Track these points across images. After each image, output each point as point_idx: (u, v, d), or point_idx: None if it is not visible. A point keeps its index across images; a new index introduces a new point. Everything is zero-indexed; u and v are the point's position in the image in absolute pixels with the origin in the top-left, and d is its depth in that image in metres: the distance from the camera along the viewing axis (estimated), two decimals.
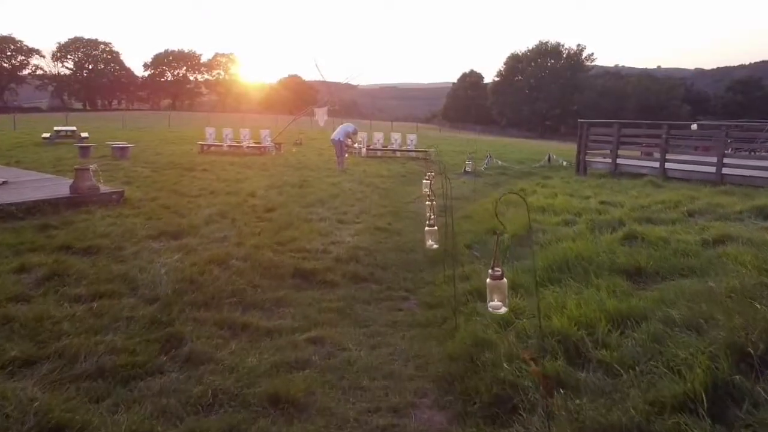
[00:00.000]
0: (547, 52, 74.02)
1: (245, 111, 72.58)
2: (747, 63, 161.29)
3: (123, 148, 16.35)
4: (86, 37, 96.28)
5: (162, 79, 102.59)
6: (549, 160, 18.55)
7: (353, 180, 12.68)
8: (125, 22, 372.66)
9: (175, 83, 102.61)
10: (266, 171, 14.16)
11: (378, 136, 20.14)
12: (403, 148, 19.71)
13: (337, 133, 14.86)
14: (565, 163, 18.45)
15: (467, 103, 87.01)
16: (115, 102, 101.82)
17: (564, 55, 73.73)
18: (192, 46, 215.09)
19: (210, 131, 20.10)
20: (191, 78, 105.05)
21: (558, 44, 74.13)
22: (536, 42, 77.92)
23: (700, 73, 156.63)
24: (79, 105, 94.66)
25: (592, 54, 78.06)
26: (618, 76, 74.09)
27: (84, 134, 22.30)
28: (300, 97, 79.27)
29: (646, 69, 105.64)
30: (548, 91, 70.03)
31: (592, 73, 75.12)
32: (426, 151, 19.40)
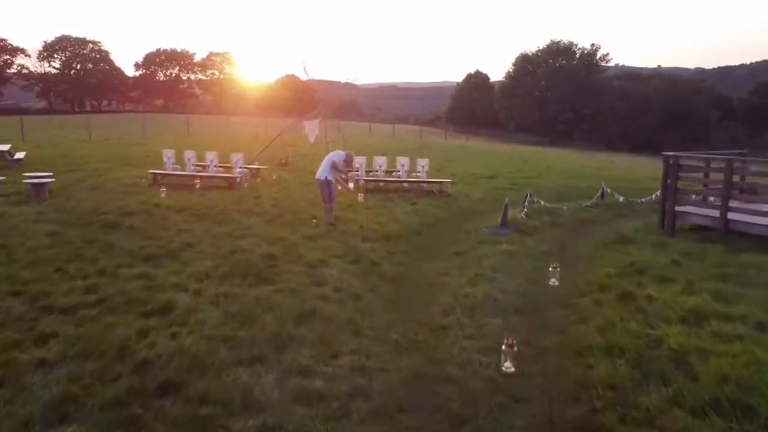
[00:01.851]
0: (559, 52, 69.35)
1: (242, 113, 68.38)
2: (748, 63, 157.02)
3: (39, 186, 12.12)
4: (74, 35, 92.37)
5: (154, 79, 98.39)
6: (602, 195, 14.34)
7: (345, 250, 8.45)
8: (115, 21, 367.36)
9: (168, 83, 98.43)
10: (223, 225, 9.93)
11: (380, 161, 15.80)
12: (412, 177, 15.47)
13: (323, 169, 10.46)
14: (621, 199, 14.31)
15: (472, 105, 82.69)
16: (105, 103, 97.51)
17: (577, 55, 69.04)
18: (185, 45, 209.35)
19: (168, 154, 15.77)
20: (184, 78, 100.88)
21: (571, 43, 69.47)
22: (547, 41, 73.39)
23: (700, 72, 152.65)
24: (67, 106, 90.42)
25: (607, 54, 73.38)
26: (638, 78, 69.12)
27: (19, 155, 18.07)
28: (298, 96, 74.84)
29: (646, 68, 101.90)
30: (560, 93, 65.46)
31: (608, 74, 70.32)
32: (441, 182, 15.14)
